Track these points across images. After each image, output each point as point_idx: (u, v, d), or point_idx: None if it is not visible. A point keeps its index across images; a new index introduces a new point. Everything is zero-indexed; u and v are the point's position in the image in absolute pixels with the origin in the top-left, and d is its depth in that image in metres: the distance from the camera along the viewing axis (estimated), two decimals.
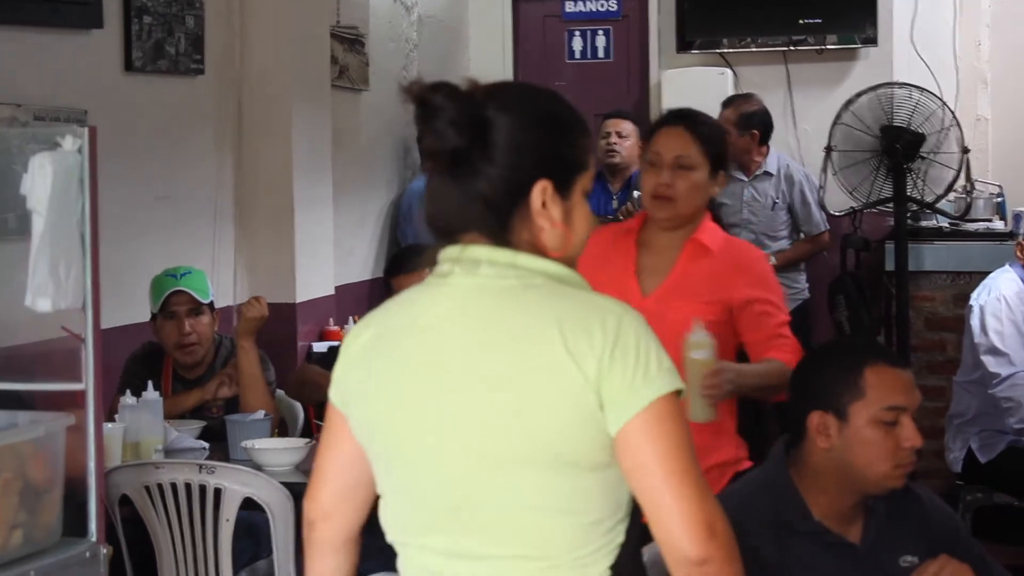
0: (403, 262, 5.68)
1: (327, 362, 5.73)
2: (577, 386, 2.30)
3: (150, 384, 5.13)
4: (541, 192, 2.40)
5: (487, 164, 2.38)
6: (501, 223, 2.40)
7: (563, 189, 2.42)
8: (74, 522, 4.04)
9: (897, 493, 3.13)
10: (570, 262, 2.45)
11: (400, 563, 2.48)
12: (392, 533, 2.47)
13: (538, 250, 2.42)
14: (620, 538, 2.38)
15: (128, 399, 5.07)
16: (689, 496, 2.28)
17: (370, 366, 2.46)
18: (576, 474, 2.33)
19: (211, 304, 5.53)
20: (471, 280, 2.40)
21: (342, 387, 2.51)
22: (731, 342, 4.08)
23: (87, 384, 3.99)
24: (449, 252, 2.44)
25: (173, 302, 5.44)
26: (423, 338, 2.41)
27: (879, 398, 3.05)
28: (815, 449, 3.10)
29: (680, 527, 2.28)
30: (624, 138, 8.01)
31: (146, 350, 5.57)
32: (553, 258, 2.42)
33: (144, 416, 5.06)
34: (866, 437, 3.05)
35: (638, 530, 2.40)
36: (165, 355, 5.54)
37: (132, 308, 5.76)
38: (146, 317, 5.62)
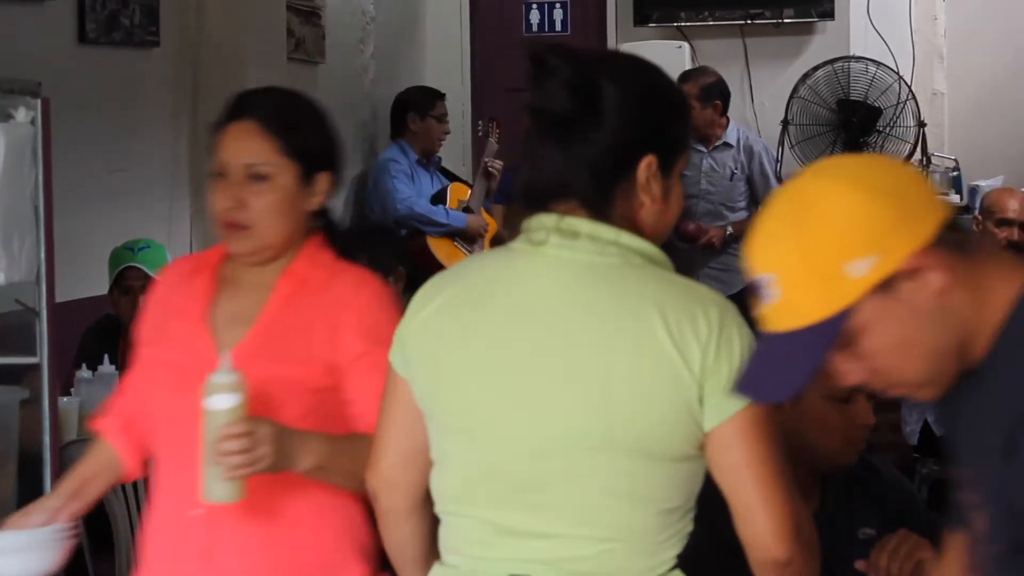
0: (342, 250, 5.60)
1: None
2: (679, 376, 2.24)
3: (106, 358, 5.10)
4: (647, 167, 2.35)
5: (597, 131, 2.31)
6: (604, 194, 2.33)
7: (665, 167, 2.37)
8: (29, 496, 4.01)
9: (855, 465, 3.12)
10: (659, 243, 2.38)
11: (444, 532, 2.44)
12: (443, 502, 2.43)
13: (634, 226, 2.35)
14: (690, 527, 2.36)
15: (84, 373, 5.04)
16: (779, 499, 2.30)
17: (442, 331, 2.38)
18: (659, 463, 2.29)
19: None
20: (568, 252, 2.32)
21: (407, 351, 2.44)
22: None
23: (41, 357, 3.98)
24: (544, 220, 2.34)
25: (128, 277, 5.41)
26: (508, 306, 2.34)
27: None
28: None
29: (768, 529, 2.28)
30: None
31: (103, 323, 5.54)
32: (647, 237, 2.35)
33: (100, 390, 5.02)
34: (818, 412, 3.02)
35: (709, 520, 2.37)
36: (123, 328, 5.51)
37: (87, 281, 5.73)
38: (102, 290, 5.58)
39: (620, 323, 2.26)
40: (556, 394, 2.28)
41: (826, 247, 1.84)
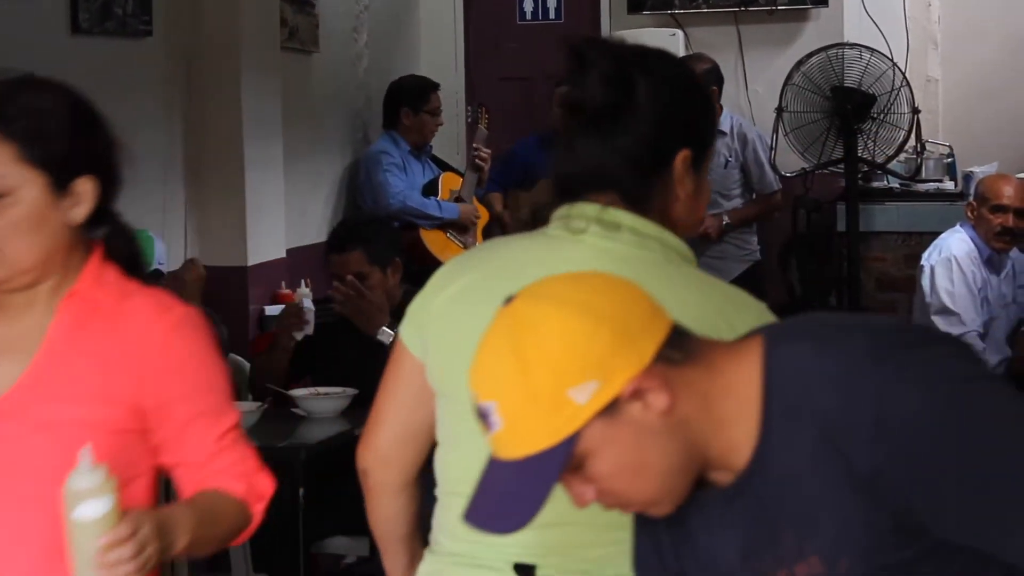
0: (340, 240, 5.56)
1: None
2: None
3: None
4: (683, 161, 2.38)
5: (637, 124, 2.33)
6: (644, 187, 2.36)
7: (697, 162, 2.40)
8: None
9: None
10: (685, 239, 2.41)
11: (443, 515, 2.44)
12: (449, 483, 2.44)
13: (668, 220, 2.38)
14: None
15: None
16: None
17: (467, 311, 2.35)
18: None
19: (156, 272, 5.45)
20: (609, 243, 2.34)
21: (425, 332, 2.44)
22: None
23: None
24: (586, 209, 2.37)
25: None
26: None
27: None
28: None
29: None
30: None
31: None
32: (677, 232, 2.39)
33: None
34: None
35: None
36: None
37: None
38: None
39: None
40: None
41: (545, 374, 1.78)
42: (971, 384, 1.82)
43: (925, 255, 6.38)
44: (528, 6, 9.14)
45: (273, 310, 6.93)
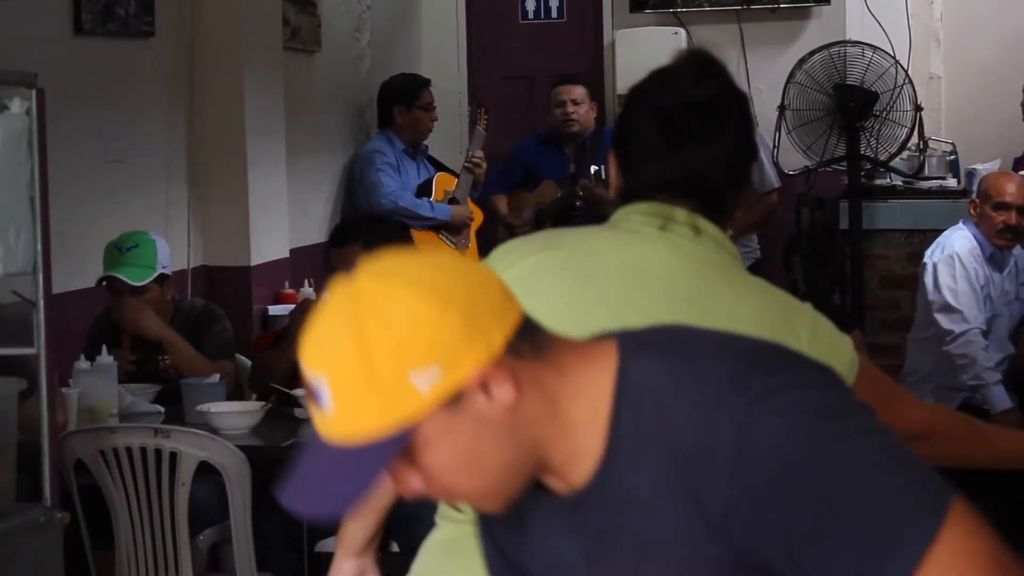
0: (341, 234, 5.58)
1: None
2: None
3: (104, 348, 5.11)
4: (755, 171, 2.53)
5: (736, 134, 2.45)
6: (731, 193, 2.47)
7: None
8: (29, 488, 4.02)
9: None
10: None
11: None
12: None
13: (731, 228, 2.51)
14: None
15: (82, 363, 5.05)
16: None
17: (535, 290, 2.25)
18: None
19: (159, 277, 5.43)
20: (692, 244, 2.42)
21: None
22: None
23: (38, 348, 3.98)
24: (673, 212, 2.44)
25: (110, 286, 5.40)
26: (622, 277, 2.41)
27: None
28: None
29: None
30: (579, 104, 8.00)
31: (106, 313, 5.51)
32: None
33: (98, 380, 5.04)
34: None
35: None
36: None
37: (84, 273, 5.72)
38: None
39: (739, 316, 2.31)
40: None
41: (386, 355, 1.64)
42: (839, 422, 1.72)
43: (928, 252, 6.38)
44: (530, 5, 9.14)
45: (276, 310, 6.94)
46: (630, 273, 2.40)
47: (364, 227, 5.49)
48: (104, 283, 5.40)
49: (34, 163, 3.96)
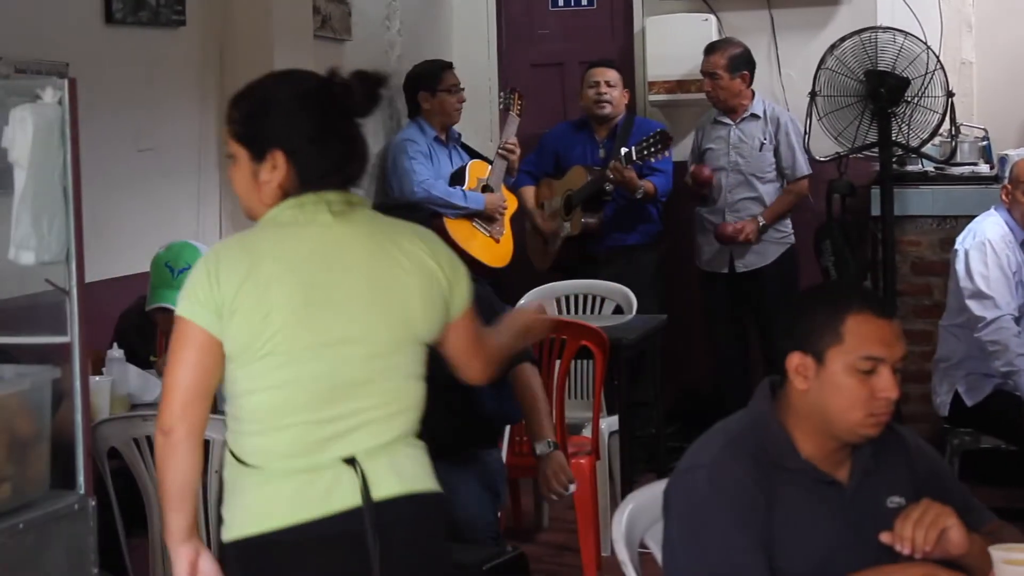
0: None
1: None
2: (440, 283, 3.35)
3: (135, 343, 5.14)
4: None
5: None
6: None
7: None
8: (62, 475, 4.04)
9: (883, 436, 3.13)
10: None
11: (271, 443, 3.22)
12: (274, 419, 3.21)
13: None
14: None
15: (115, 352, 5.06)
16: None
17: (275, 290, 3.17)
18: (423, 347, 3.34)
19: None
20: (353, 215, 3.32)
21: (225, 314, 3.15)
22: None
23: (72, 337, 3.99)
24: (321, 197, 3.28)
25: (158, 316, 5.36)
26: (328, 256, 3.24)
27: (857, 346, 3.03)
28: (794, 390, 3.10)
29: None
30: (612, 87, 8.00)
31: (139, 306, 5.49)
32: None
33: (131, 368, 5.06)
34: (840, 383, 3.03)
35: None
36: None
37: (117, 261, 5.75)
38: (131, 270, 5.60)
39: (409, 252, 3.33)
40: (382, 312, 3.25)
41: None
42: None
43: (959, 239, 6.35)
44: None
45: None
46: (330, 250, 3.24)
47: (395, 215, 5.47)
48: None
49: (66, 152, 3.98)
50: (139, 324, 5.45)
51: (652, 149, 7.55)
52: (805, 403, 3.08)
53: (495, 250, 7.85)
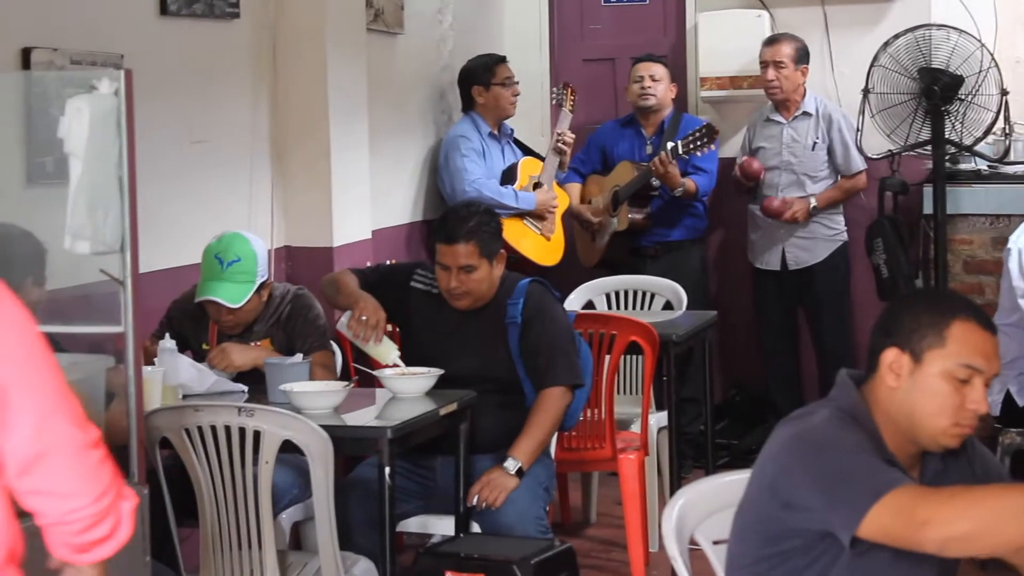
0: (443, 228, 5.57)
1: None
2: None
3: (188, 336, 5.17)
4: None
5: None
6: None
7: None
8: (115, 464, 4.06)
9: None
10: None
11: None
12: None
13: None
14: None
15: (167, 342, 5.09)
16: None
17: None
18: None
19: (259, 285, 5.43)
20: None
21: None
22: None
23: (126, 327, 4.01)
24: None
25: (208, 307, 5.39)
26: None
27: (958, 352, 3.00)
28: (883, 386, 3.06)
29: None
30: (657, 81, 8.00)
31: (190, 296, 5.52)
32: None
33: (183, 359, 5.09)
34: (934, 387, 3.00)
35: None
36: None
37: (170, 252, 5.78)
38: (183, 261, 5.62)
39: None
40: None
41: None
42: None
43: (1012, 237, 6.31)
44: None
45: None
46: None
47: (475, 226, 5.43)
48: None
49: (122, 143, 3.99)
50: (192, 314, 5.48)
51: (698, 143, 7.53)
52: (893, 401, 3.05)
53: (546, 248, 7.85)
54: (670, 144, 7.62)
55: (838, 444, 2.96)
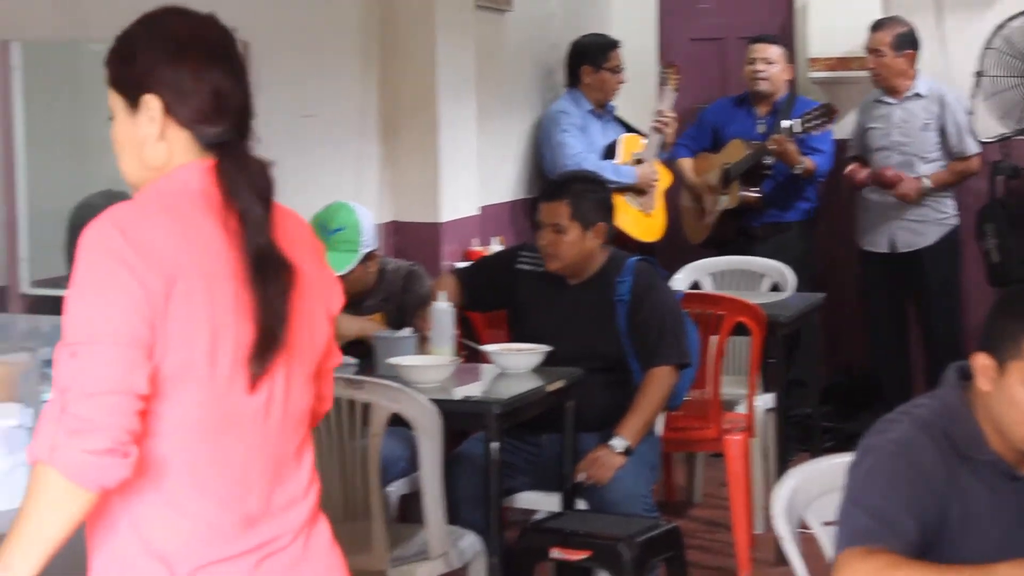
0: (548, 188, 5.64)
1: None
2: None
3: None
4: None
5: None
6: None
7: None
8: None
9: None
10: None
11: None
12: None
13: None
14: None
15: None
16: None
17: None
18: None
19: (365, 255, 5.45)
20: None
21: None
22: None
23: None
24: None
25: None
26: None
27: None
28: (980, 388, 3.03)
29: None
30: (771, 64, 7.93)
31: None
32: None
33: None
34: (1014, 397, 2.94)
35: None
36: None
37: None
38: None
39: None
40: None
41: None
42: None
43: None
44: None
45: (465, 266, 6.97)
46: None
47: (572, 186, 5.50)
48: None
49: None
50: None
51: (816, 122, 7.47)
52: (988, 405, 3.00)
53: (645, 223, 7.82)
54: (788, 122, 7.56)
55: (880, 471, 3.02)
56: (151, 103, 2.53)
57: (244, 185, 2.54)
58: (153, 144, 2.55)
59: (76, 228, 3.54)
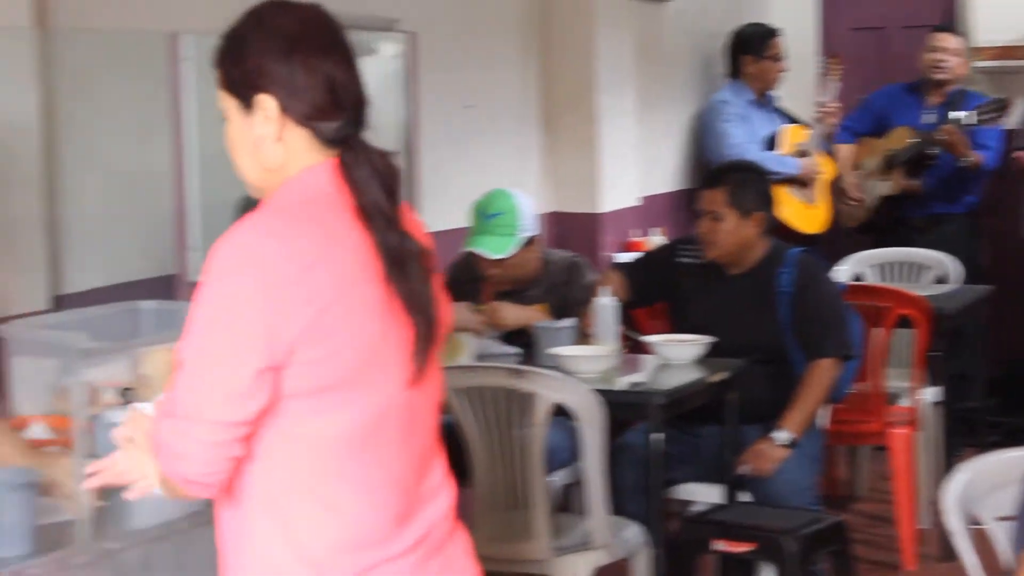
0: (708, 176, 5.62)
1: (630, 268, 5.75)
2: None
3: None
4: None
5: None
6: None
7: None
8: None
9: None
10: None
11: None
12: None
13: None
14: None
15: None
16: None
17: None
18: None
19: (527, 241, 5.44)
20: None
21: None
22: None
23: None
24: None
25: (473, 259, 5.44)
26: None
27: None
28: None
29: None
30: (951, 55, 7.78)
31: (466, 259, 5.57)
32: None
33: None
34: None
35: None
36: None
37: (442, 214, 5.83)
38: (456, 224, 5.68)
39: None
40: None
41: None
42: None
43: None
44: None
45: (624, 257, 6.96)
46: None
47: (732, 174, 5.48)
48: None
49: (407, 108, 4.04)
50: (466, 276, 5.52)
51: (992, 115, 7.35)
52: None
53: (808, 215, 7.75)
54: (959, 114, 7.44)
55: None
56: (266, 103, 2.44)
57: (371, 179, 2.47)
58: (270, 145, 2.46)
59: None
